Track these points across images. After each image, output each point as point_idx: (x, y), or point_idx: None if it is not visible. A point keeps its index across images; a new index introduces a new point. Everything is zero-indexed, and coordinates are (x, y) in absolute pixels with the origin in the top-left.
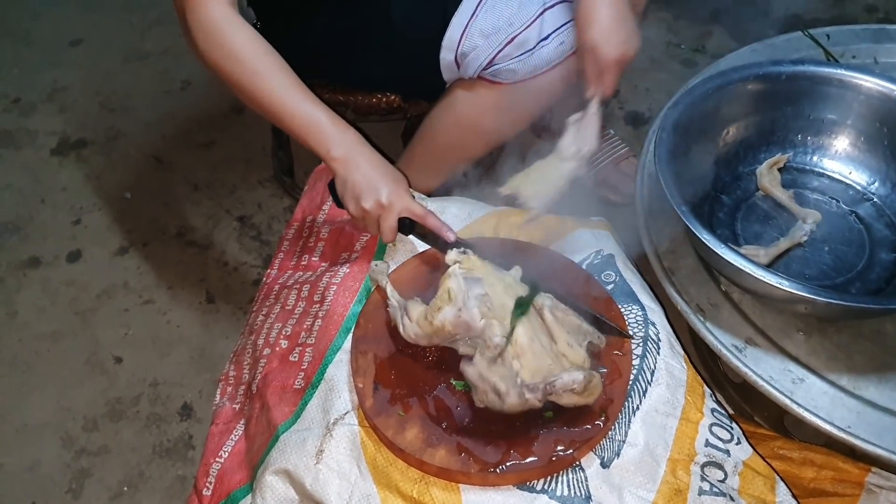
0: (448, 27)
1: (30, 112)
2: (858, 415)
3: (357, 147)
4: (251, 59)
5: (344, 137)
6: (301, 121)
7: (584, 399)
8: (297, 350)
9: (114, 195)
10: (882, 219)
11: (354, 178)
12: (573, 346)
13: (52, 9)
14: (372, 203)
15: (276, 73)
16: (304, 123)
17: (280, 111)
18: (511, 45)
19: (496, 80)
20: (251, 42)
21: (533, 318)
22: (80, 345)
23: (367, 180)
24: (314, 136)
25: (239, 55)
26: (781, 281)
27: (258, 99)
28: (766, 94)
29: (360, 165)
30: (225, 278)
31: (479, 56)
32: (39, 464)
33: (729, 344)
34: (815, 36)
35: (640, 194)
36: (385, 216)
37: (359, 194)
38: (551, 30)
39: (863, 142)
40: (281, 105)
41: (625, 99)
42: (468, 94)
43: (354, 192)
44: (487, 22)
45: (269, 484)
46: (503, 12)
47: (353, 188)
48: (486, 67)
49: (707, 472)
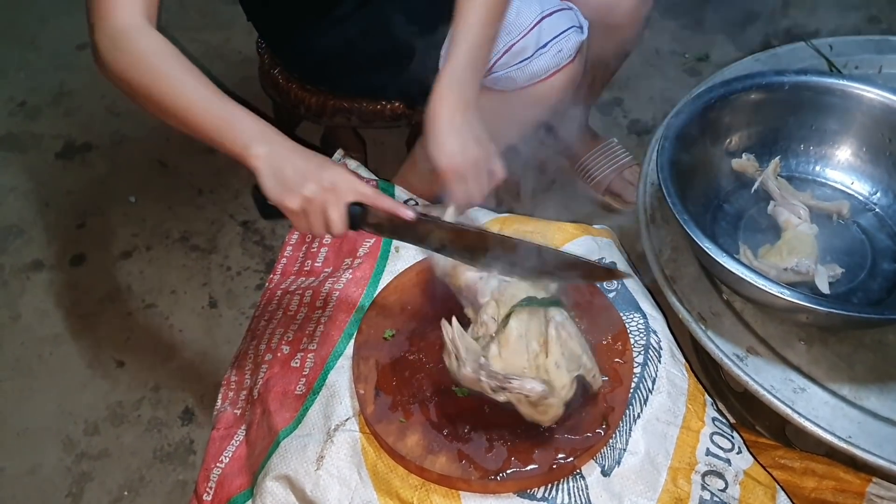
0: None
1: (35, 115)
2: (859, 425)
3: (281, 139)
4: (158, 64)
5: (265, 132)
6: (213, 121)
7: (539, 415)
8: (299, 356)
9: (118, 199)
10: (884, 229)
11: (285, 169)
12: (560, 368)
13: (58, 13)
14: (314, 187)
15: (185, 75)
16: (217, 123)
17: (192, 116)
18: (509, 53)
19: (495, 87)
20: (160, 48)
21: (536, 323)
22: (82, 348)
23: (301, 167)
24: (229, 134)
25: (145, 60)
26: (783, 290)
27: (167, 104)
28: (768, 103)
29: (288, 155)
30: (228, 283)
31: None
32: (40, 467)
33: (730, 353)
34: (818, 46)
35: (643, 203)
36: (331, 202)
37: (297, 182)
38: (549, 38)
39: (865, 152)
40: (190, 106)
41: (628, 107)
42: None
43: (291, 182)
44: None
45: (269, 489)
46: None
47: (288, 179)
48: (486, 75)
49: (708, 480)
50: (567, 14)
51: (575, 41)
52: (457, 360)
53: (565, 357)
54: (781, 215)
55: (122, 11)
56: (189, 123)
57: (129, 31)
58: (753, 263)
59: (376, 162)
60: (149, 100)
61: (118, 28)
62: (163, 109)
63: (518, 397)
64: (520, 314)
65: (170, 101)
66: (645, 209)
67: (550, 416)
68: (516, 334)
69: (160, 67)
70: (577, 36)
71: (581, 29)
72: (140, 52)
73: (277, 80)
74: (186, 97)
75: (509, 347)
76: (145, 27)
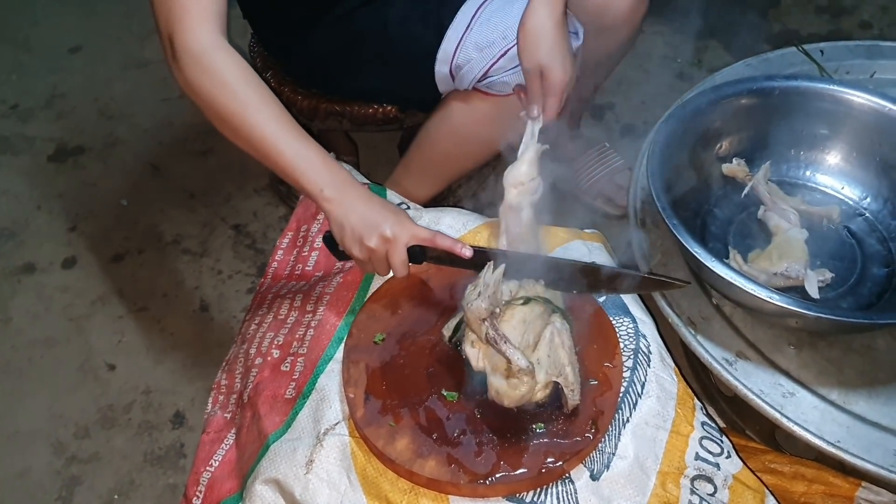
0: (443, 40)
1: (28, 118)
2: (848, 429)
3: (349, 186)
4: (241, 90)
5: (335, 177)
6: (291, 158)
7: (508, 389)
8: (289, 359)
9: (110, 202)
10: (874, 234)
11: (352, 220)
12: (541, 367)
13: (51, 15)
14: (376, 240)
15: (267, 106)
16: (294, 161)
17: (268, 147)
18: (504, 57)
19: (490, 91)
20: (241, 72)
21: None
22: (73, 351)
23: (365, 218)
24: (304, 174)
25: (228, 85)
26: (772, 295)
27: (245, 132)
28: (759, 108)
29: (354, 205)
30: (219, 286)
31: (474, 68)
32: (30, 471)
33: (720, 357)
34: (809, 51)
35: (634, 207)
36: (392, 251)
37: (360, 235)
38: None
39: (855, 157)
40: (270, 140)
41: (620, 112)
42: (463, 105)
43: (355, 233)
44: (482, 35)
45: (258, 493)
46: (497, 26)
47: (352, 230)
48: (481, 79)
49: (697, 485)
50: None
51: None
52: (479, 294)
53: (550, 360)
54: (771, 220)
55: (202, 29)
56: (264, 155)
57: (209, 50)
58: (743, 268)
59: (368, 165)
60: (225, 123)
61: (199, 45)
62: (239, 136)
63: (497, 363)
64: (535, 305)
65: (248, 130)
66: (636, 213)
67: (515, 397)
68: (521, 317)
69: (241, 95)
70: (572, 41)
71: (576, 34)
72: (221, 75)
73: (270, 82)
74: (267, 130)
75: (510, 323)
76: (223, 46)
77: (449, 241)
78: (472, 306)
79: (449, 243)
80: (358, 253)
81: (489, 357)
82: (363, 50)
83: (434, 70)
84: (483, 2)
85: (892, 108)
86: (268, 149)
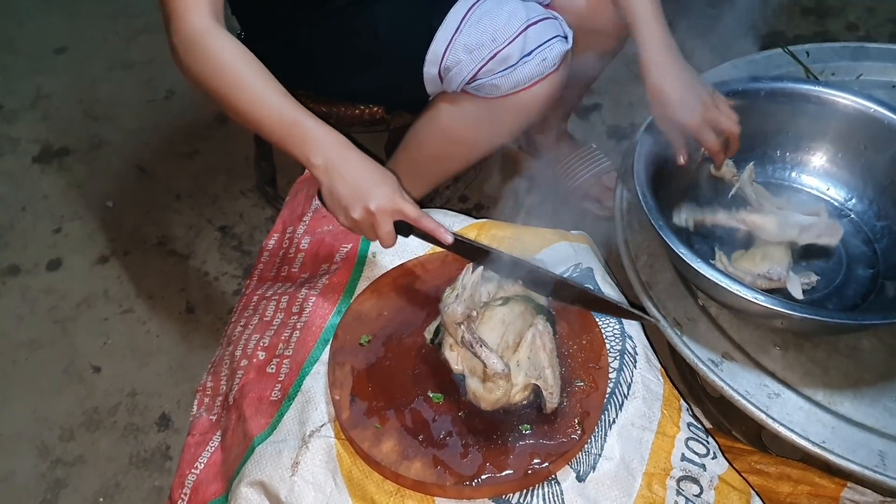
0: (432, 41)
1: (12, 119)
2: (833, 430)
3: (340, 151)
4: (234, 70)
5: (325, 142)
6: (281, 127)
7: (484, 392)
8: (275, 361)
9: (95, 204)
10: (859, 235)
11: (338, 188)
12: (520, 368)
13: (37, 16)
14: (360, 212)
15: (258, 80)
16: (284, 129)
17: (260, 118)
18: (494, 60)
19: (479, 94)
20: (234, 53)
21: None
22: (58, 354)
23: (351, 188)
24: (293, 141)
25: (222, 66)
26: (757, 296)
27: (240, 108)
28: (745, 109)
29: (342, 173)
30: (205, 288)
31: (463, 71)
32: (14, 474)
33: (706, 358)
34: (795, 53)
35: (620, 208)
36: (378, 223)
37: (346, 205)
38: (534, 46)
39: (840, 158)
40: (261, 111)
41: (607, 113)
42: (452, 107)
43: (341, 202)
44: (471, 37)
45: (243, 495)
46: (487, 28)
47: (338, 199)
48: (470, 82)
49: (683, 486)
50: (552, 23)
51: (559, 50)
52: (456, 297)
53: (530, 362)
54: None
55: (194, 15)
56: (258, 128)
57: (201, 34)
58: (728, 269)
59: None
60: (223, 102)
61: (191, 32)
62: (236, 112)
63: (475, 366)
64: (515, 305)
65: (242, 106)
66: (622, 214)
67: (491, 400)
68: (500, 318)
69: (234, 74)
70: (562, 45)
71: (566, 38)
72: (213, 58)
73: None
74: (258, 103)
75: (488, 324)
76: (216, 30)
77: (432, 223)
78: (449, 310)
79: (432, 226)
80: (344, 221)
81: (467, 360)
82: (351, 50)
83: (423, 71)
84: (473, 4)
85: (877, 110)
86: (261, 121)
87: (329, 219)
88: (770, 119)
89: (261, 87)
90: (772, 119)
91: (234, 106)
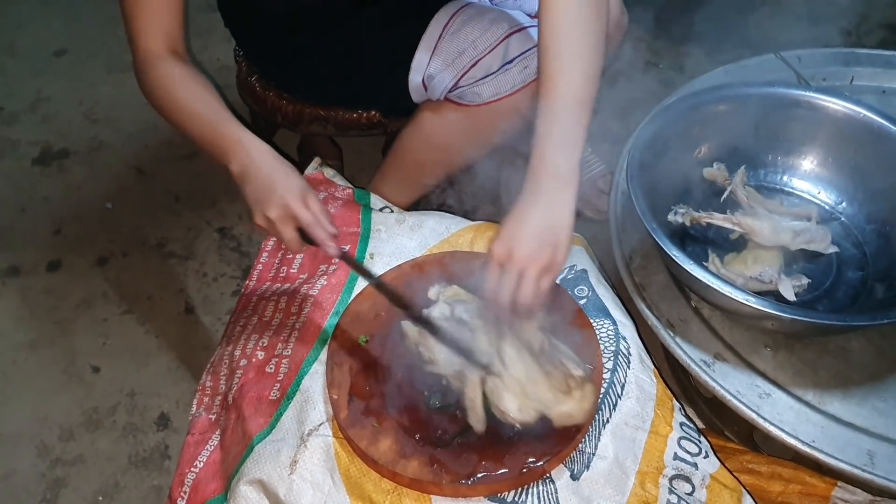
0: (416, 50)
1: (12, 121)
2: (823, 429)
3: (254, 158)
4: (178, 91)
5: (242, 149)
6: (210, 137)
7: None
8: (274, 361)
9: (95, 205)
10: (849, 238)
11: (248, 194)
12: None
13: (36, 19)
14: (261, 217)
15: (197, 98)
16: (209, 138)
17: (194, 132)
18: (475, 67)
19: (462, 102)
20: (182, 76)
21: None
22: (57, 354)
23: (257, 193)
24: (216, 149)
25: (169, 89)
26: (748, 298)
27: (184, 126)
28: (737, 114)
29: (253, 178)
30: (204, 289)
31: (445, 78)
32: (14, 473)
33: (698, 359)
34: (786, 59)
35: (614, 211)
36: (279, 229)
37: (253, 209)
38: (516, 54)
39: (831, 162)
40: (196, 125)
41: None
42: (435, 115)
43: (253, 205)
44: (453, 45)
45: (242, 494)
46: (468, 36)
47: (251, 202)
48: (452, 90)
49: (675, 484)
50: (534, 31)
51: None
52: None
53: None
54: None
55: (147, 40)
56: (199, 146)
57: (154, 59)
58: (721, 271)
59: (353, 169)
60: (173, 124)
61: (145, 56)
62: (183, 132)
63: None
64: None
65: (185, 126)
66: (616, 217)
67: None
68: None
69: (178, 96)
70: None
71: None
72: (163, 80)
73: (255, 88)
74: (195, 120)
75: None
76: (167, 57)
77: (321, 234)
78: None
79: (321, 235)
80: (258, 220)
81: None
82: (338, 59)
83: (408, 80)
84: (455, 12)
85: (867, 115)
86: (196, 137)
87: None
88: (762, 124)
89: (198, 105)
90: (763, 123)
91: (171, 120)
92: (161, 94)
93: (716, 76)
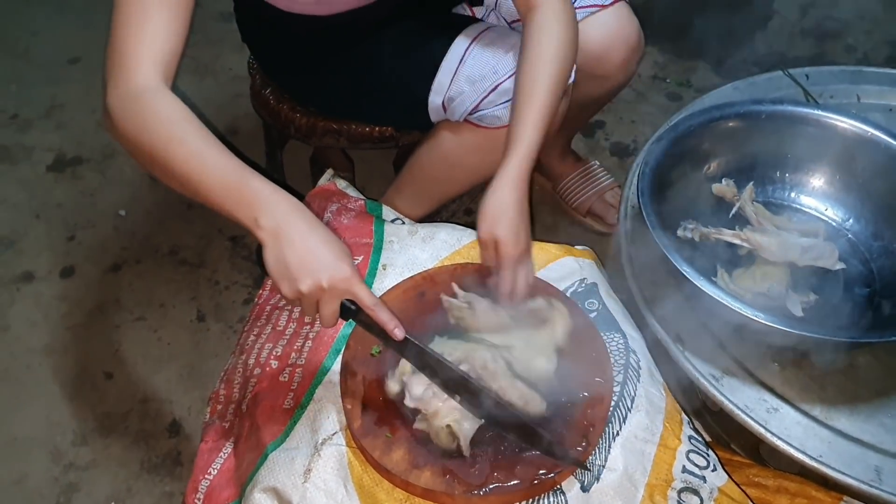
0: (437, 72)
1: (27, 128)
2: (830, 444)
3: (291, 216)
4: (172, 125)
5: (273, 202)
6: (224, 186)
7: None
8: (287, 370)
9: (108, 212)
10: (856, 254)
11: (287, 256)
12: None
13: (51, 26)
14: (310, 285)
15: (198, 137)
16: (225, 187)
17: (199, 175)
18: (495, 92)
19: (481, 124)
20: (177, 109)
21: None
22: (71, 360)
23: (302, 258)
24: (237, 201)
25: (161, 121)
26: (757, 314)
27: (176, 164)
28: (746, 131)
29: (293, 239)
30: (216, 297)
31: (465, 101)
32: (27, 477)
33: (706, 373)
34: (795, 76)
35: (623, 225)
36: (325, 300)
37: (294, 275)
38: None
39: (838, 180)
40: (201, 168)
41: (610, 130)
42: (453, 135)
43: (288, 272)
44: (474, 69)
45: (256, 501)
46: (489, 60)
47: (285, 267)
48: (472, 112)
49: (684, 497)
50: None
51: None
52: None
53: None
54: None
55: (139, 75)
56: (198, 189)
57: (144, 90)
58: (730, 287)
59: (364, 180)
60: (155, 162)
61: (134, 87)
62: (171, 172)
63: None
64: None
65: (178, 164)
66: (625, 231)
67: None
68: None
69: (172, 129)
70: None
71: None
72: (152, 112)
73: (268, 100)
74: (196, 160)
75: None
76: (160, 89)
77: (386, 315)
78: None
79: (385, 318)
80: (287, 291)
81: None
82: (358, 78)
83: (428, 100)
84: (476, 35)
85: (874, 133)
86: (197, 180)
87: (339, 230)
88: (770, 140)
89: (200, 144)
90: (772, 140)
91: (169, 161)
92: (153, 125)
93: (725, 92)
